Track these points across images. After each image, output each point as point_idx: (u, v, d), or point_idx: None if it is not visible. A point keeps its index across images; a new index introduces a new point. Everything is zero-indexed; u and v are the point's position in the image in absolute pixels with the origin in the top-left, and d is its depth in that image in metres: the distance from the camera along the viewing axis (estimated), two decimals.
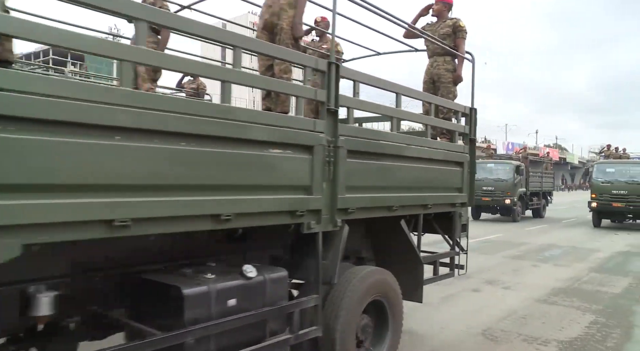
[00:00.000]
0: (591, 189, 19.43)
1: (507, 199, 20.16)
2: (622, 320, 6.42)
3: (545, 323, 6.18)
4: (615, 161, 20.88)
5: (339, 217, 3.47)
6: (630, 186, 18.05)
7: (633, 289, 8.23)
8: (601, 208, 18.71)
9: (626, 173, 18.62)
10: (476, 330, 5.82)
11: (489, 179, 20.53)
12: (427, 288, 7.92)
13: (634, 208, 18.10)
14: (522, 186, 21.43)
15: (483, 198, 20.34)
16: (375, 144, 3.89)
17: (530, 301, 7.30)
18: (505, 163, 21.65)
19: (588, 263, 10.75)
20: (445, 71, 6.05)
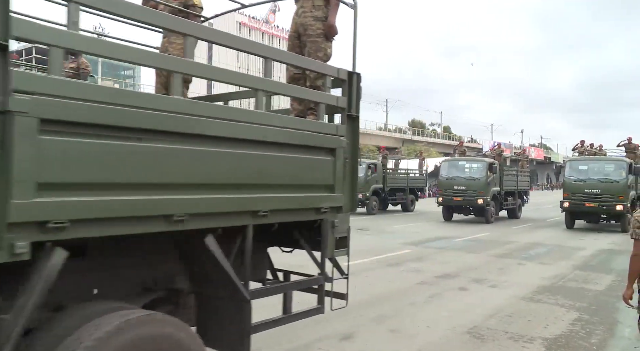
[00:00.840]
0: (563, 188, 18.31)
1: (480, 199, 18.97)
2: (605, 317, 6.44)
3: (530, 321, 6.17)
4: (588, 158, 19.26)
5: (20, 238, 1.93)
6: (603, 185, 16.71)
7: (616, 286, 8.26)
8: (573, 208, 17.34)
9: (600, 171, 17.22)
10: (462, 329, 5.79)
11: (461, 177, 19.65)
12: (412, 288, 8.02)
13: (607, 208, 16.64)
14: (496, 185, 20.45)
15: (455, 198, 19.55)
16: (102, 111, 2.17)
17: (516, 299, 7.29)
18: (477, 161, 20.79)
19: (572, 261, 10.81)
20: (313, 20, 4.21)
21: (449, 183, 19.74)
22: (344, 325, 5.86)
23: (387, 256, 11.09)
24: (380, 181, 23.90)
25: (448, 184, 19.73)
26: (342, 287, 4.08)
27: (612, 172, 16.90)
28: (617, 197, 16.35)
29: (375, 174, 23.37)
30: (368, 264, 10.12)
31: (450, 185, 19.64)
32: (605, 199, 16.49)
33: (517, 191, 22.70)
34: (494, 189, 20.04)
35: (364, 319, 6.13)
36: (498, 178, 20.51)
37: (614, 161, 17.89)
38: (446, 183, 19.84)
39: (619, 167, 16.96)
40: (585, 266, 10.23)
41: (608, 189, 16.53)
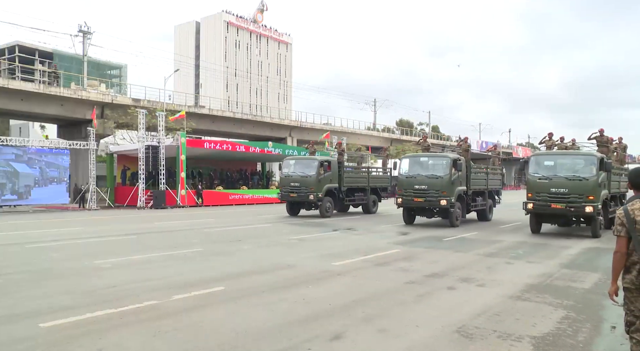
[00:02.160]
0: (527, 186, 15.79)
1: (443, 200, 17.15)
2: (592, 315, 6.45)
3: (518, 319, 6.15)
4: (554, 152, 16.68)
5: None
6: (571, 183, 14.56)
7: (602, 284, 8.29)
8: (538, 209, 15.11)
9: (567, 167, 15.13)
10: (451, 328, 5.75)
11: (422, 175, 17.81)
12: (400, 287, 7.99)
13: (575, 209, 14.42)
14: (462, 184, 18.52)
15: (415, 199, 17.70)
16: None
17: (504, 298, 7.28)
18: (440, 157, 18.54)
19: (559, 260, 10.85)
20: None
21: (409, 181, 17.94)
22: (333, 324, 5.81)
23: (376, 255, 11.06)
24: (336, 180, 22.76)
25: (408, 183, 17.93)
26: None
27: (581, 169, 14.80)
28: (586, 197, 14.32)
29: (330, 172, 22.31)
30: (356, 264, 10.08)
31: (410, 184, 17.86)
32: (573, 200, 14.41)
33: (487, 190, 21.02)
34: (460, 189, 18.17)
35: (352, 319, 6.08)
36: (465, 176, 18.77)
37: (582, 155, 15.54)
38: (406, 182, 18.00)
39: (589, 163, 14.77)
40: (571, 265, 10.27)
41: (576, 188, 14.48)
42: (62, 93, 34.29)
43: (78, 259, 10.26)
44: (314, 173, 21.65)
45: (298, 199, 22.12)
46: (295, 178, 22.02)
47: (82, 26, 41.21)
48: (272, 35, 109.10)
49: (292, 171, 22.30)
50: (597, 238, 14.56)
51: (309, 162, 22.44)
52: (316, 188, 21.46)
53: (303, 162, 22.70)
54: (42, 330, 5.52)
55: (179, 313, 6.26)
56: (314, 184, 21.45)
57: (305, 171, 22.03)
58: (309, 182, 21.57)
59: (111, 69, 58.87)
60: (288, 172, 22.42)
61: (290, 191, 22.07)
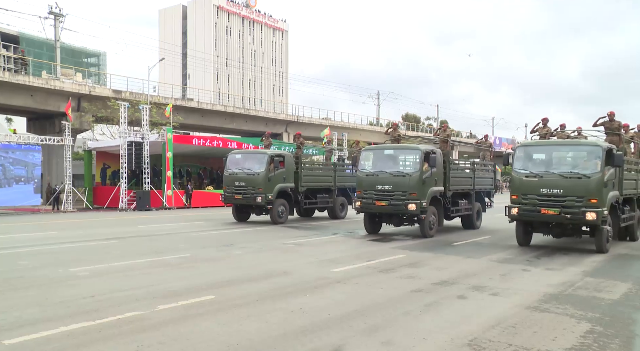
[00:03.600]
0: (510, 186, 13.77)
1: (411, 204, 14.87)
2: (621, 329, 6.42)
3: (536, 333, 6.15)
4: (546, 142, 14.46)
5: None
6: (568, 182, 12.25)
7: (633, 296, 8.29)
8: (525, 215, 12.87)
9: (563, 161, 13.13)
10: (462, 341, 5.75)
11: (386, 173, 15.43)
12: (406, 295, 7.98)
13: (572, 216, 12.10)
14: (439, 184, 16.17)
15: (377, 202, 15.43)
16: None
17: (520, 308, 7.28)
18: (409, 149, 16.37)
19: (582, 267, 10.83)
20: None
21: (370, 180, 15.72)
22: (333, 336, 5.82)
23: (379, 261, 11.07)
24: (291, 179, 20.88)
25: (369, 183, 15.72)
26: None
27: (582, 164, 12.61)
28: (587, 200, 12.01)
29: (283, 169, 20.37)
30: (358, 270, 10.09)
31: (371, 184, 15.63)
32: (570, 204, 12.11)
33: (473, 191, 18.58)
34: (435, 190, 15.78)
35: (353, 330, 6.08)
36: (442, 173, 16.38)
37: (583, 146, 13.19)
38: (366, 181, 15.79)
39: (592, 156, 12.48)
40: (597, 273, 10.25)
41: (574, 189, 12.17)
42: (32, 83, 34.08)
43: (51, 266, 10.24)
44: (262, 170, 19.67)
45: (244, 202, 20.11)
46: (241, 176, 20.06)
47: (53, 7, 40.52)
48: (267, 22, 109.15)
49: (238, 168, 20.40)
50: (602, 253, 12.62)
51: (257, 157, 20.47)
52: (265, 188, 19.53)
53: (250, 157, 20.80)
54: (5, 347, 5.46)
55: (165, 324, 6.25)
56: (262, 184, 19.52)
57: (252, 167, 20.07)
58: (256, 181, 19.63)
59: (88, 57, 58.90)
60: (233, 169, 20.51)
61: (235, 192, 20.06)
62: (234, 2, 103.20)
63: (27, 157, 27.71)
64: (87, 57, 58.57)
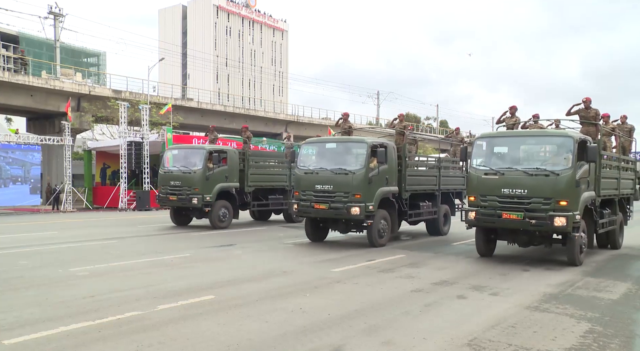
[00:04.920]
0: (467, 186, 11.96)
1: (355, 207, 12.53)
2: (621, 329, 6.42)
3: (536, 332, 6.15)
4: (510, 133, 12.49)
5: None
6: (532, 181, 10.41)
7: (632, 296, 8.30)
8: (484, 220, 10.93)
9: (530, 155, 11.32)
10: (461, 341, 5.75)
11: (326, 171, 13.09)
12: (406, 295, 7.99)
13: (538, 222, 10.22)
14: (391, 183, 13.77)
15: (316, 205, 13.00)
16: None
17: (520, 308, 7.28)
18: (354, 142, 13.82)
19: (582, 267, 10.84)
20: None
21: (308, 179, 13.35)
22: (333, 336, 5.82)
23: (379, 261, 11.07)
24: (235, 178, 18.68)
25: (307, 182, 13.37)
26: None
27: (550, 158, 11.03)
28: (556, 202, 10.16)
29: (225, 167, 18.24)
30: (358, 270, 10.10)
31: (310, 183, 13.28)
32: (536, 207, 10.29)
33: (438, 192, 16.22)
34: (385, 190, 13.47)
35: (354, 330, 6.09)
36: (395, 170, 14.14)
37: (552, 136, 11.36)
38: (305, 180, 13.47)
39: (562, 149, 10.61)
40: (597, 272, 10.26)
41: (540, 188, 10.34)
42: (32, 82, 34.10)
43: (51, 266, 10.25)
44: (199, 168, 17.57)
45: (179, 204, 18.08)
46: (176, 174, 18.02)
47: (53, 7, 40.55)
48: (267, 22, 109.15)
49: (173, 165, 18.39)
50: (575, 266, 10.81)
51: (193, 153, 18.36)
52: (202, 188, 17.41)
53: (186, 153, 18.66)
54: (5, 347, 5.46)
55: (165, 324, 6.26)
56: (198, 183, 17.44)
57: (188, 165, 18.05)
58: (192, 180, 17.60)
59: (88, 57, 58.93)
60: (168, 167, 18.51)
61: (170, 193, 17.98)
62: (234, 2, 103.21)
63: (27, 157, 27.65)
64: (86, 57, 58.60)
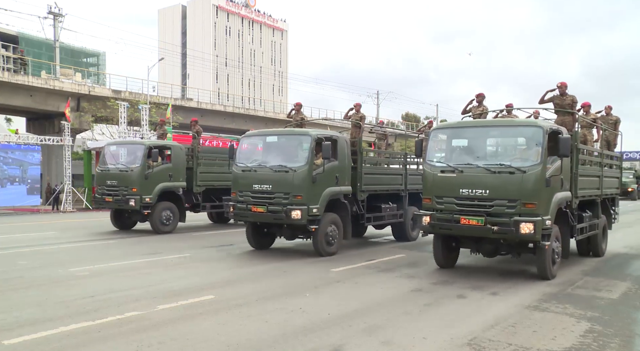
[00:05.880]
0: (423, 185, 10.06)
1: (296, 210, 10.88)
2: (621, 329, 6.43)
3: (536, 332, 6.16)
4: (470, 123, 10.58)
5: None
6: (495, 179, 8.82)
7: (632, 295, 8.31)
8: (440, 226, 9.34)
9: (494, 149, 10.14)
10: (461, 340, 5.76)
11: (266, 168, 11.52)
12: (405, 295, 7.99)
13: (501, 228, 8.60)
14: (343, 182, 12.06)
15: (254, 208, 11.40)
16: None
17: (519, 307, 7.29)
18: (297, 135, 12.14)
19: (582, 266, 10.84)
20: None
21: (246, 178, 11.86)
22: (333, 336, 5.83)
23: (379, 261, 11.07)
24: (182, 177, 16.77)
25: (245, 181, 11.85)
26: None
27: (514, 152, 9.67)
28: (523, 204, 8.58)
29: (169, 164, 16.40)
30: (358, 270, 10.10)
31: (247, 183, 11.73)
32: (499, 210, 8.72)
33: (405, 192, 14.50)
34: (335, 190, 11.78)
35: (353, 330, 6.10)
36: (346, 167, 12.29)
37: (518, 126, 9.81)
38: (243, 178, 11.92)
39: (531, 141, 9.03)
40: (596, 272, 10.27)
41: (504, 188, 8.74)
42: (31, 82, 34.07)
43: (51, 266, 10.25)
44: (137, 166, 15.75)
45: (115, 206, 16.29)
46: (113, 173, 16.30)
47: (52, 7, 40.42)
48: (266, 21, 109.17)
49: (112, 163, 16.63)
50: (547, 279, 9.20)
51: (131, 149, 16.59)
52: (141, 188, 15.58)
53: (124, 150, 16.94)
54: (5, 347, 5.46)
55: (165, 324, 6.26)
56: (136, 183, 15.61)
57: (125, 162, 16.35)
58: (129, 179, 15.76)
59: (87, 57, 58.91)
60: (106, 164, 16.74)
61: (106, 193, 16.17)
62: (234, 1, 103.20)
63: (27, 157, 27.55)
64: (86, 57, 58.59)
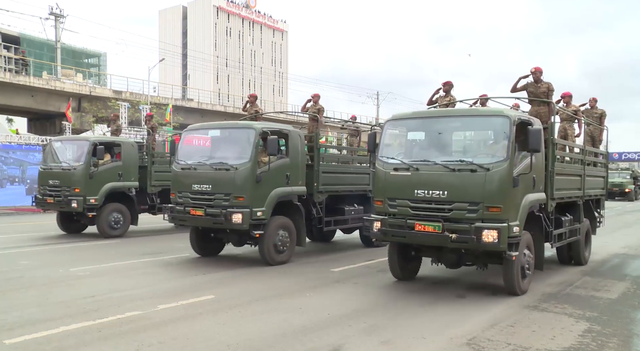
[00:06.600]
0: (374, 185, 8.83)
1: (237, 214, 9.61)
2: (619, 328, 6.44)
3: (535, 332, 6.16)
4: (424, 113, 9.11)
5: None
6: (452, 178, 7.49)
7: (631, 295, 8.31)
8: (392, 233, 7.99)
9: (455, 143, 8.67)
10: (461, 340, 5.76)
11: (206, 166, 10.32)
12: (405, 295, 7.99)
13: (460, 237, 7.27)
14: (294, 182, 10.71)
15: (192, 211, 10.16)
16: None
17: (519, 307, 7.29)
18: (240, 128, 10.69)
19: (580, 266, 10.84)
20: None
21: (186, 177, 10.58)
22: (332, 336, 5.83)
23: (379, 261, 11.06)
24: (133, 176, 15.39)
25: (185, 181, 10.56)
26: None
27: (480, 146, 8.59)
28: (486, 208, 7.27)
29: (119, 162, 15.00)
30: (357, 270, 10.11)
31: (187, 182, 10.49)
32: (459, 214, 7.42)
33: (372, 193, 11.26)
34: (285, 191, 10.48)
35: (353, 330, 6.10)
36: (299, 165, 10.98)
37: (482, 116, 8.46)
38: (182, 178, 10.64)
39: (497, 134, 7.84)
40: (595, 272, 10.27)
41: (463, 188, 7.44)
42: (33, 83, 34.14)
43: (51, 266, 10.24)
44: (80, 164, 14.31)
45: (56, 207, 14.97)
46: (55, 172, 14.76)
47: (54, 8, 40.43)
48: (267, 22, 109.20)
49: (54, 161, 15.12)
50: (519, 295, 7.94)
51: (75, 146, 15.14)
52: (85, 188, 14.12)
53: (68, 147, 15.49)
54: (6, 347, 5.47)
55: (165, 324, 6.27)
56: (79, 183, 14.18)
57: (68, 160, 14.93)
58: (71, 179, 14.31)
59: (88, 58, 58.93)
60: (49, 162, 15.21)
61: (48, 194, 14.72)
62: (234, 2, 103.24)
63: (28, 157, 27.45)
64: (87, 58, 58.60)
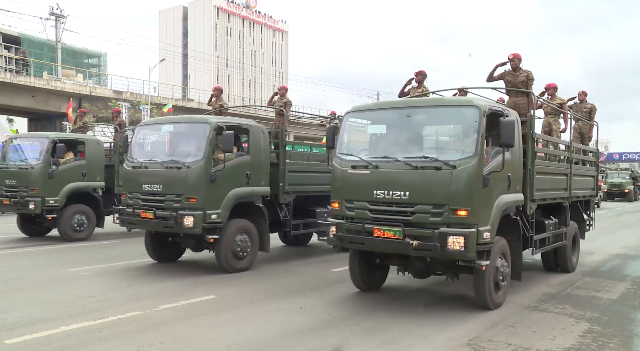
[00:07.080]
0: (332, 183, 7.74)
1: (188, 217, 8.86)
2: (620, 329, 6.44)
3: (536, 332, 6.16)
4: (384, 104, 9.15)
5: None
6: (412, 176, 6.76)
7: (631, 295, 8.31)
8: (349, 239, 7.23)
9: (420, 137, 7.58)
10: (461, 340, 5.76)
11: (156, 163, 9.61)
12: (405, 295, 7.99)
13: (422, 244, 6.50)
14: (256, 182, 9.93)
15: (142, 213, 9.41)
16: None
17: (519, 307, 7.30)
18: (195, 123, 10.06)
19: (581, 267, 10.82)
20: None
21: (136, 176, 9.83)
22: (332, 337, 5.83)
23: None
24: (99, 175, 14.39)
25: (136, 180, 9.83)
26: None
27: (448, 140, 7.91)
28: (452, 211, 6.50)
29: (82, 161, 14.01)
30: None
31: (137, 182, 9.75)
32: (421, 218, 6.65)
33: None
34: (245, 191, 9.72)
35: (353, 330, 6.10)
36: (265, 164, 10.36)
37: (449, 106, 7.63)
38: (133, 177, 9.93)
39: (465, 126, 6.98)
40: (595, 273, 10.27)
41: (425, 189, 6.70)
42: (33, 83, 34.16)
43: (52, 266, 10.24)
44: (38, 162, 13.28)
45: (13, 209, 14.01)
46: (12, 171, 13.76)
47: (55, 8, 40.41)
48: (267, 22, 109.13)
49: (12, 160, 14.06)
50: (492, 309, 7.12)
51: (33, 143, 14.12)
52: (44, 188, 13.05)
53: (26, 144, 14.48)
54: (6, 347, 5.47)
55: (165, 324, 6.27)
56: (37, 182, 13.11)
57: (26, 158, 13.94)
58: (29, 178, 13.29)
59: (89, 58, 58.80)
60: (7, 161, 14.15)
61: (4, 195, 13.61)
62: (234, 3, 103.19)
63: None
64: (87, 58, 58.46)
